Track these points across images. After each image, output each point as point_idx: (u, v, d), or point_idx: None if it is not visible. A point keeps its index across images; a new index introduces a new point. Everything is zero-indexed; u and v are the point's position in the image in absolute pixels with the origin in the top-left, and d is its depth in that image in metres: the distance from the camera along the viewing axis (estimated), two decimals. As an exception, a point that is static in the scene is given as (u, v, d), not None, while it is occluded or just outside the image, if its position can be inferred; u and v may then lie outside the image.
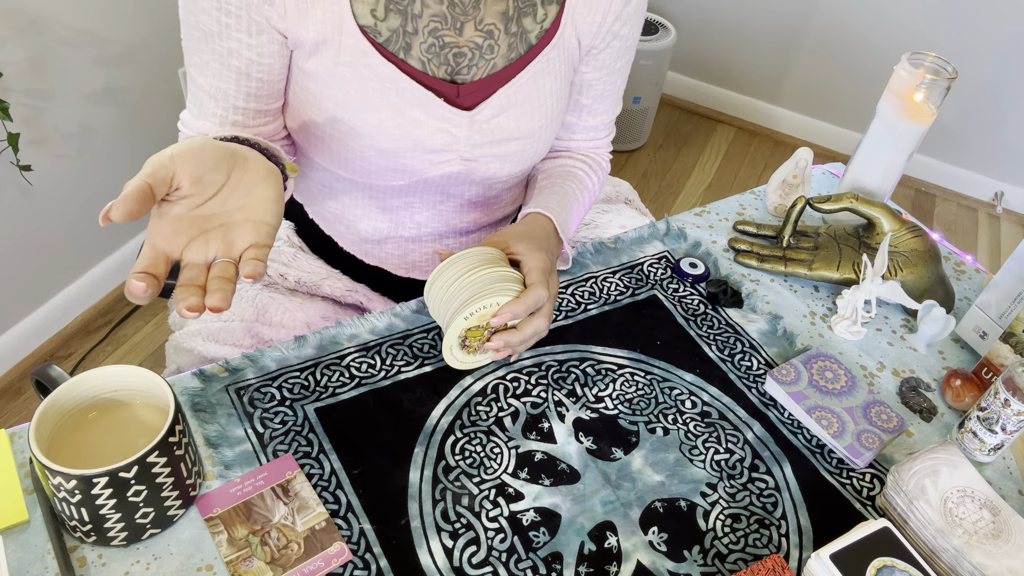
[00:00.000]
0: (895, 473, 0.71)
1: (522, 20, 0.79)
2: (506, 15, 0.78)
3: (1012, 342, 0.81)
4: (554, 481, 0.71)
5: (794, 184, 1.06)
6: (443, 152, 0.82)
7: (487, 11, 0.77)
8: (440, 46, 0.77)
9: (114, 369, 0.62)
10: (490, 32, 0.78)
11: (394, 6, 0.75)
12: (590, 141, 0.96)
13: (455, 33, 0.77)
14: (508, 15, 0.79)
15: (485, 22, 0.78)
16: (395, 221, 0.92)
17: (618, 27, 0.84)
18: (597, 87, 0.90)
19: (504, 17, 0.78)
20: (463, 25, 0.77)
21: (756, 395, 0.81)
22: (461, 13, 0.77)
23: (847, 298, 0.89)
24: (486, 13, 0.77)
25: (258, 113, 0.79)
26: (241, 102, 0.77)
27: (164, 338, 1.80)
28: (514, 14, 0.79)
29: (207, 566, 0.61)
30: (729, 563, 0.67)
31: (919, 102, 0.95)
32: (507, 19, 0.79)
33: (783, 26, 2.56)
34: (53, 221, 1.67)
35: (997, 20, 2.26)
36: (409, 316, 0.84)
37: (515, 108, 0.82)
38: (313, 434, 0.71)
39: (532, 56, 0.81)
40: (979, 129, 2.47)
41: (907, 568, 0.62)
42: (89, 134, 1.68)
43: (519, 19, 0.79)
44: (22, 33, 1.46)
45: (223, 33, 0.73)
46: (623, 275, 0.93)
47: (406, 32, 0.76)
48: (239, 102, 0.77)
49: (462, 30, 0.77)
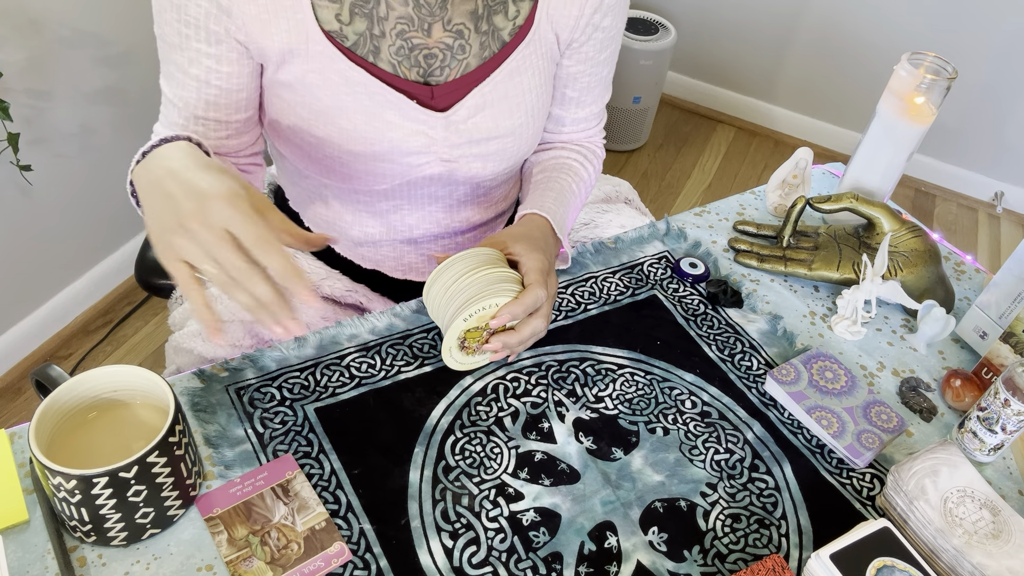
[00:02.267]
0: (895, 473, 0.71)
1: (493, 18, 0.79)
2: (475, 14, 0.78)
3: (1012, 342, 0.81)
4: (554, 481, 0.71)
5: (794, 184, 1.06)
6: (421, 154, 0.82)
7: (455, 11, 0.77)
8: (409, 48, 0.77)
9: (114, 369, 0.62)
10: (460, 32, 0.78)
11: (359, 10, 0.74)
12: (581, 132, 0.96)
13: (423, 35, 0.77)
14: (478, 14, 0.78)
15: (454, 22, 0.77)
16: (386, 225, 0.92)
17: (598, 19, 0.83)
18: (583, 79, 0.89)
19: (473, 16, 0.78)
20: (431, 26, 0.77)
21: (756, 395, 0.81)
22: (428, 14, 0.76)
23: (847, 298, 0.89)
24: (454, 13, 0.77)
25: (219, 124, 0.79)
26: (201, 111, 0.77)
27: (164, 338, 1.80)
28: (484, 12, 0.78)
29: (207, 566, 0.61)
30: (729, 563, 0.67)
31: (919, 102, 0.95)
32: (477, 18, 0.78)
33: (783, 26, 2.56)
34: (53, 221, 1.67)
35: (997, 20, 2.26)
36: (409, 316, 0.84)
37: (492, 107, 0.82)
38: (313, 434, 0.71)
39: (507, 54, 0.81)
40: (979, 129, 2.47)
41: (907, 568, 0.62)
42: (89, 134, 1.68)
43: (489, 17, 0.78)
44: (22, 33, 1.46)
45: (183, 44, 0.74)
46: (623, 275, 0.93)
47: (373, 35, 0.76)
48: (199, 111, 0.77)
49: (430, 31, 0.77)
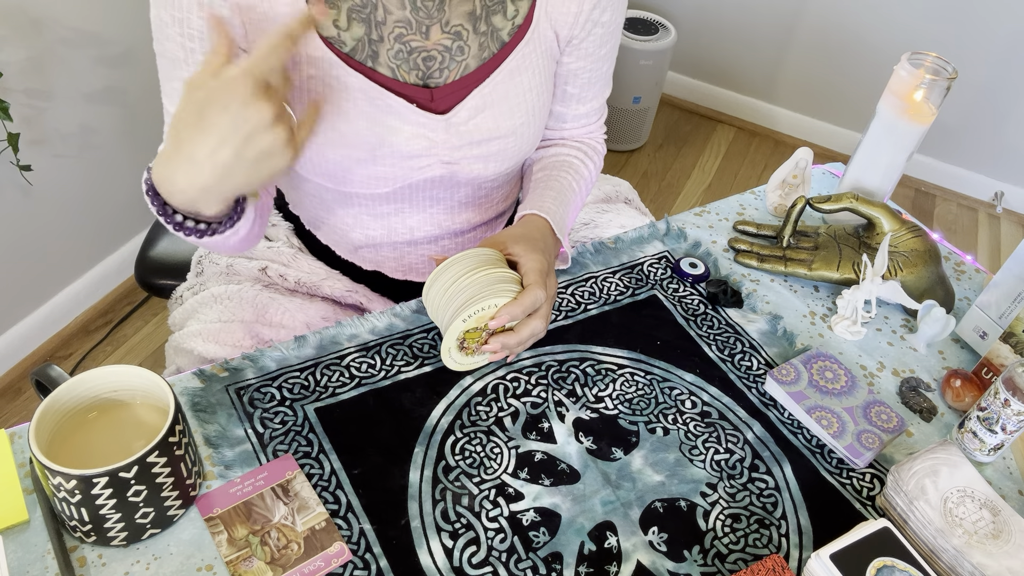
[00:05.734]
0: (895, 473, 0.71)
1: (491, 18, 0.79)
2: (473, 15, 0.78)
3: (1012, 342, 0.81)
4: (554, 481, 0.71)
5: (794, 184, 1.06)
6: (422, 157, 0.82)
7: (452, 13, 0.77)
8: (408, 51, 0.77)
9: (114, 369, 0.62)
10: (458, 33, 0.78)
11: (356, 15, 0.74)
12: (582, 128, 0.96)
13: (421, 37, 0.77)
14: (476, 15, 0.78)
15: (452, 24, 0.77)
16: (387, 227, 0.92)
17: (597, 15, 0.83)
18: (583, 75, 0.89)
19: (471, 17, 0.78)
20: (429, 29, 0.76)
21: (756, 395, 0.81)
22: (426, 17, 0.76)
23: (847, 298, 0.89)
24: (452, 15, 0.77)
25: None
26: None
27: (164, 338, 1.80)
28: (482, 13, 0.78)
29: (207, 566, 0.61)
30: (729, 563, 0.67)
31: (919, 102, 0.95)
32: (475, 19, 0.78)
33: (783, 26, 2.56)
34: (53, 221, 1.67)
35: (996, 20, 2.26)
36: (409, 316, 0.84)
37: (492, 108, 0.82)
38: (313, 434, 0.71)
39: (506, 54, 0.81)
40: (979, 129, 2.47)
41: (907, 568, 0.62)
42: (89, 134, 1.68)
43: (488, 18, 0.78)
44: (22, 33, 1.46)
45: (188, 58, 0.73)
46: (623, 275, 0.93)
47: (371, 40, 0.75)
48: None
49: (428, 34, 0.77)
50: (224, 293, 0.91)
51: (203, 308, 0.91)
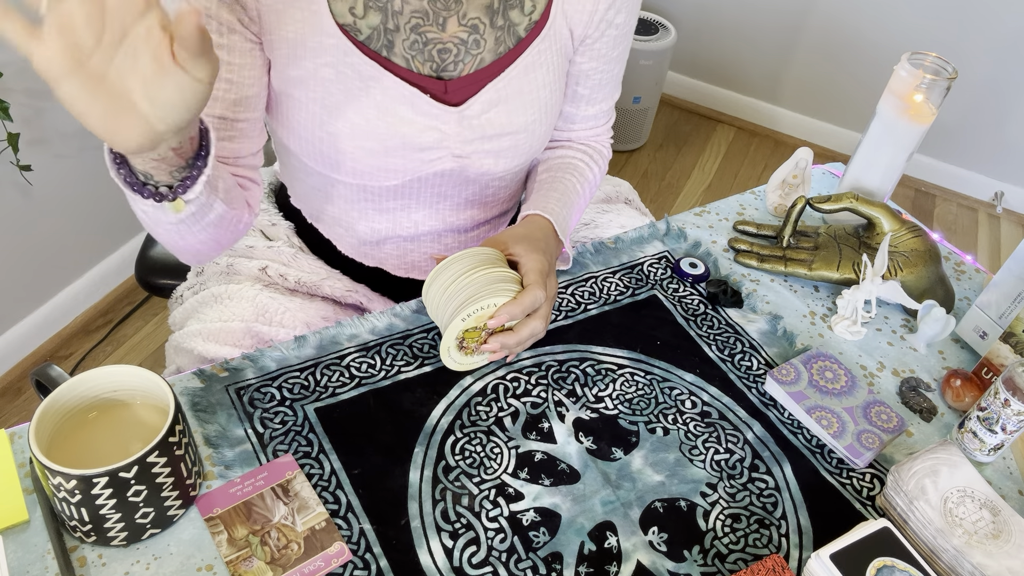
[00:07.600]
0: (895, 473, 0.71)
1: (508, 13, 0.78)
2: (491, 8, 0.78)
3: (1012, 342, 0.81)
4: (554, 481, 0.71)
5: (794, 184, 1.06)
6: (433, 150, 0.82)
7: (470, 5, 0.76)
8: (423, 42, 0.77)
9: (114, 369, 0.62)
10: (475, 27, 0.78)
11: (373, 3, 0.74)
12: (590, 130, 0.96)
13: (438, 29, 0.77)
14: (493, 8, 0.78)
15: (469, 16, 0.77)
16: (392, 221, 0.92)
17: (612, 15, 0.83)
18: (595, 76, 0.89)
19: (489, 11, 0.78)
20: (446, 20, 0.76)
21: (756, 395, 0.81)
22: (443, 8, 0.76)
23: (847, 298, 0.89)
24: (469, 7, 0.77)
25: (223, 122, 0.77)
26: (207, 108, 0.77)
27: (164, 338, 1.80)
28: (499, 7, 0.78)
29: (207, 566, 0.61)
30: (729, 563, 0.67)
31: (919, 102, 0.95)
32: (492, 12, 0.78)
33: (783, 26, 2.56)
34: (53, 221, 1.67)
35: (997, 19, 2.26)
36: (409, 316, 0.84)
37: (506, 103, 0.82)
38: (313, 434, 0.71)
39: (521, 49, 0.81)
40: (979, 129, 2.47)
41: (907, 568, 0.62)
42: (89, 134, 1.68)
43: (505, 12, 0.78)
44: (22, 33, 1.46)
45: None
46: (623, 275, 0.93)
47: (387, 29, 0.75)
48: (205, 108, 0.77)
49: (445, 25, 0.77)
50: (224, 293, 0.91)
51: (203, 308, 0.91)
